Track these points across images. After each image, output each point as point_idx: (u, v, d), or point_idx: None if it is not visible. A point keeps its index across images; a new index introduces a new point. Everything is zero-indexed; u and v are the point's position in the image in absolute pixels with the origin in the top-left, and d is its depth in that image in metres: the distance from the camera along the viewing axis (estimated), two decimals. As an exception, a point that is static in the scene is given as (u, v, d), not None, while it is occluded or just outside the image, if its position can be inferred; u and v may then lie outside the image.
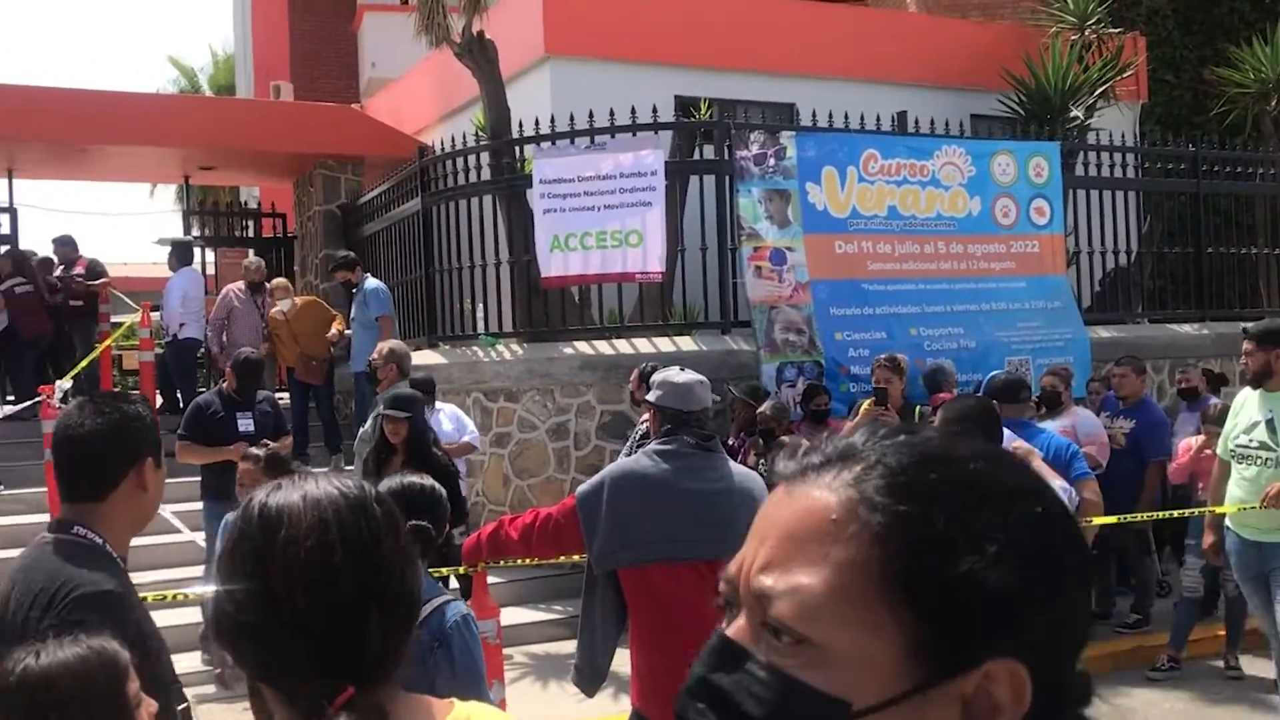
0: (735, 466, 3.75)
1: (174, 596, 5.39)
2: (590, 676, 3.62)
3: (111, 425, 2.29)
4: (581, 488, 3.60)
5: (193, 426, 7.07)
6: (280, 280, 10.56)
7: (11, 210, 13.15)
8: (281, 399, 9.13)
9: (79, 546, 2.21)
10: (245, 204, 17.05)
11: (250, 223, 15.19)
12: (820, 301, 8.70)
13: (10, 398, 10.69)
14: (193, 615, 6.76)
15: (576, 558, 3.81)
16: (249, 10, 22.53)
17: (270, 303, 10.33)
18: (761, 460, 6.70)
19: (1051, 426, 6.69)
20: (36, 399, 8.73)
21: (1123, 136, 10.92)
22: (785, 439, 6.58)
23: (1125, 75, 12.89)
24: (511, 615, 7.02)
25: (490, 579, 5.25)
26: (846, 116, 9.34)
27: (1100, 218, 10.57)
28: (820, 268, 8.78)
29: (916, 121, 9.78)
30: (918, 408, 7.01)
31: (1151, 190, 11.45)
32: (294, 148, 12.85)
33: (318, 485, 1.25)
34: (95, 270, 12.02)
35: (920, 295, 9.10)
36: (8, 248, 12.53)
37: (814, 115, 9.82)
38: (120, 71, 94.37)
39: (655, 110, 9.00)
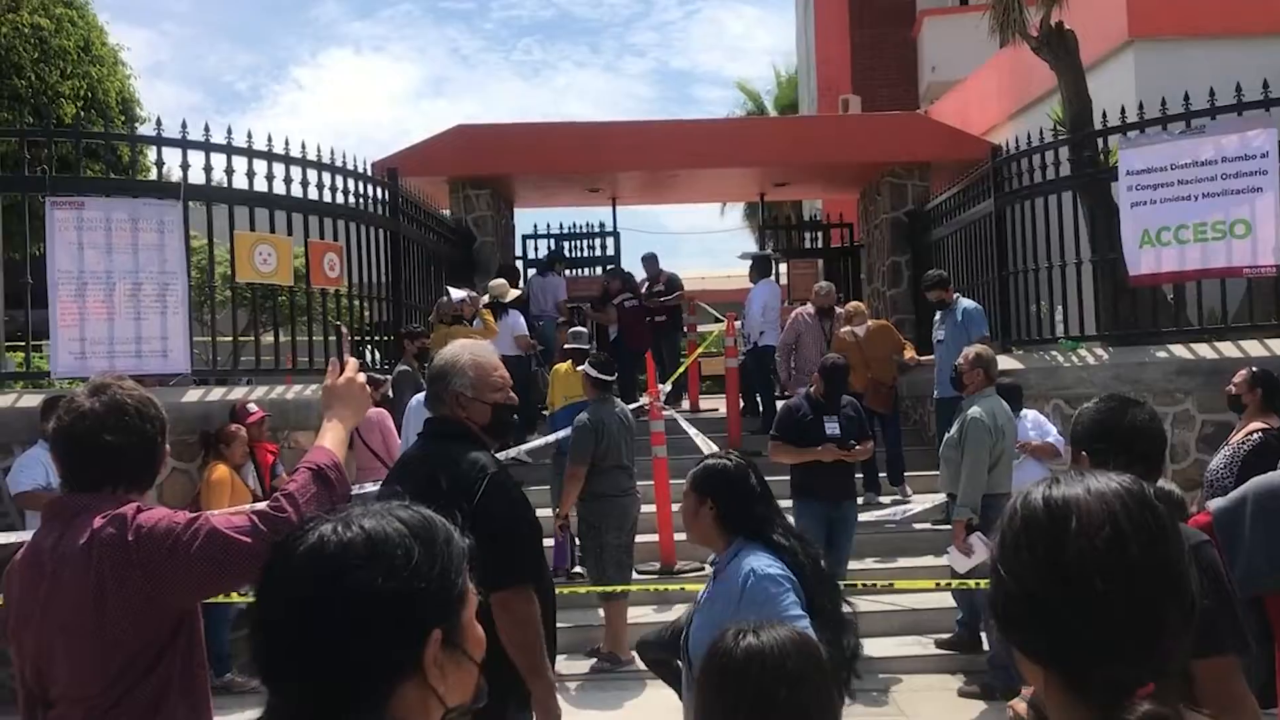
0: None
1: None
2: None
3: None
4: (1217, 503, 3.33)
5: (784, 428, 7.48)
6: (857, 304, 10.58)
7: (616, 234, 14.87)
8: None
9: None
10: (813, 217, 17.75)
11: (819, 234, 15.87)
12: None
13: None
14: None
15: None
16: (812, 30, 23.57)
17: (844, 328, 10.42)
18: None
19: None
20: (643, 402, 9.68)
21: None
22: None
23: None
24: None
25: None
26: None
27: None
28: None
29: None
30: None
31: None
32: (863, 158, 13.20)
33: (1098, 480, 1.27)
34: (673, 285, 13.10)
35: None
36: (612, 266, 14.16)
37: None
38: (686, 100, 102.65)
39: (1266, 85, 8.07)
